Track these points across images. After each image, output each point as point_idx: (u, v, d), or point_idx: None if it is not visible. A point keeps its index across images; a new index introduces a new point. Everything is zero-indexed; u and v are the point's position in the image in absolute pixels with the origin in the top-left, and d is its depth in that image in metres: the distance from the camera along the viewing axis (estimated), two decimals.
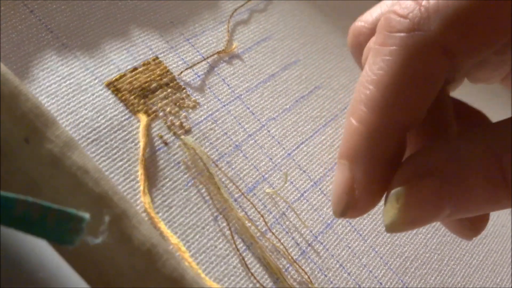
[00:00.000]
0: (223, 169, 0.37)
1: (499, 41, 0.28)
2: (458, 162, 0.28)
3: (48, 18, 0.36)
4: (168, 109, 0.37)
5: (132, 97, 0.36)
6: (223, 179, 0.36)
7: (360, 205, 0.30)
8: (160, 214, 0.33)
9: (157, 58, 0.39)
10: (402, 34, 0.28)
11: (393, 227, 0.30)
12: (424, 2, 0.29)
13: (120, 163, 0.33)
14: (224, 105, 0.40)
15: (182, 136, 0.36)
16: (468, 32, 0.28)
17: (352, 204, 0.30)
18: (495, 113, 0.34)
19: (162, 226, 0.32)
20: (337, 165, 0.30)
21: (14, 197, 0.21)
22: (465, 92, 0.36)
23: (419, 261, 0.41)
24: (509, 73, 0.35)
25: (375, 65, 0.29)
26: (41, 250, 0.24)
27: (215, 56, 0.42)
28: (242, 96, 0.41)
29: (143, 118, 0.35)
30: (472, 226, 0.33)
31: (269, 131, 0.40)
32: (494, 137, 0.28)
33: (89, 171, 0.27)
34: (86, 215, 0.22)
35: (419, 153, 0.30)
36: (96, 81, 0.36)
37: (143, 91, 0.37)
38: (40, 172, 0.27)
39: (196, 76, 0.40)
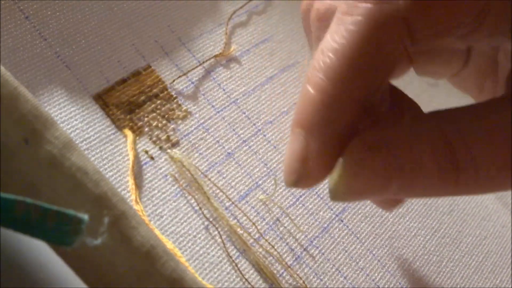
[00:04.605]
0: (212, 179, 0.37)
1: (460, 28, 0.28)
2: (410, 140, 0.28)
3: (42, 25, 0.36)
4: (154, 123, 0.37)
5: (118, 112, 0.36)
6: (213, 189, 0.36)
7: (313, 175, 0.30)
8: (152, 222, 0.33)
9: (149, 66, 0.39)
10: (368, 5, 0.28)
11: (337, 195, 0.30)
12: None
13: (111, 173, 0.34)
14: (218, 111, 0.39)
15: (169, 150, 0.36)
16: (432, 9, 0.28)
17: (304, 174, 0.30)
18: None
19: (157, 232, 0.32)
20: (291, 133, 0.30)
21: (14, 198, 0.22)
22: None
23: (418, 263, 0.41)
24: (461, 70, 0.34)
25: (338, 34, 0.28)
26: (41, 252, 0.24)
27: (212, 60, 0.41)
28: (238, 101, 0.41)
29: (129, 135, 0.36)
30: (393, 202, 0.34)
31: (265, 136, 0.40)
32: (447, 121, 0.28)
33: (88, 172, 0.27)
34: (85, 216, 0.22)
35: (373, 128, 0.30)
36: (85, 92, 0.36)
37: (130, 106, 0.37)
38: (39, 173, 0.27)
39: (190, 83, 0.40)
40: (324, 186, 0.41)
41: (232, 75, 0.42)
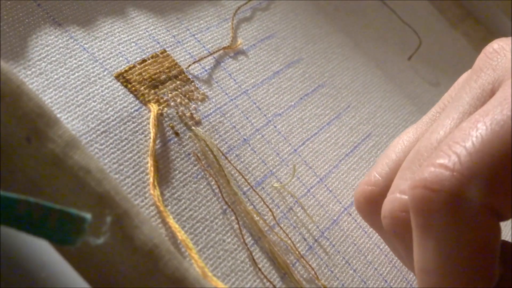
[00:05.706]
0: (232, 161, 0.37)
1: None
2: None
3: (55, 11, 0.36)
4: (178, 100, 0.37)
5: (142, 87, 0.36)
6: (232, 172, 0.36)
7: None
8: (169, 207, 0.33)
9: (165, 51, 0.39)
10: (445, 212, 0.25)
11: None
12: (455, 166, 0.25)
13: (130, 155, 0.33)
14: (232, 99, 0.39)
15: (193, 128, 0.36)
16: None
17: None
18: None
19: (171, 220, 0.32)
20: None
21: (15, 197, 0.21)
22: None
23: None
24: None
25: (426, 250, 0.26)
26: (43, 251, 0.24)
27: (221, 51, 0.42)
28: (249, 91, 0.41)
29: (154, 108, 0.35)
30: None
31: (275, 127, 0.40)
32: None
33: (91, 171, 0.27)
34: (88, 216, 0.22)
35: None
36: (105, 73, 0.35)
37: (153, 82, 0.37)
38: (41, 172, 0.27)
39: (204, 70, 0.40)
40: (333, 180, 0.40)
41: (241, 67, 0.42)
